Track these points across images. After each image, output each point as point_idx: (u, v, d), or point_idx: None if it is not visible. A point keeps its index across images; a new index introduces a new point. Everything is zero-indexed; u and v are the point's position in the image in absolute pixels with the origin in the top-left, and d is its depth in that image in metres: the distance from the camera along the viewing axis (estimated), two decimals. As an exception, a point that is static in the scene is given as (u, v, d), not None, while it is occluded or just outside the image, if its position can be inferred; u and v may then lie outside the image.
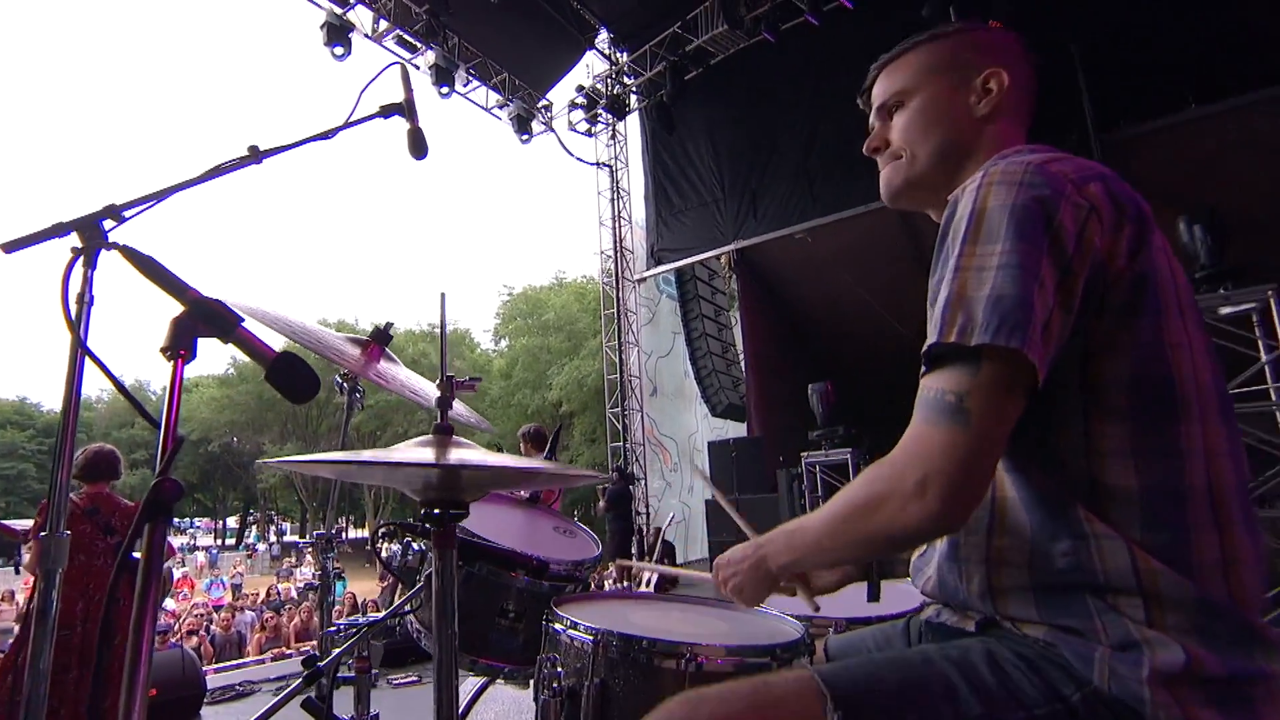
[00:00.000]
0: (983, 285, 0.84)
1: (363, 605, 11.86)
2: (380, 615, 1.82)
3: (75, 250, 0.99)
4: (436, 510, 1.02)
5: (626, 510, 9.63)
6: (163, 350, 0.81)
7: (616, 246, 12.95)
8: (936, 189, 1.09)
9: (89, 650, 3.31)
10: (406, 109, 1.58)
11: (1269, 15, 6.28)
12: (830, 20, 8.73)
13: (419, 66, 9.96)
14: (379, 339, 1.45)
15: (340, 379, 2.15)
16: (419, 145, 1.60)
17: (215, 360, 36.01)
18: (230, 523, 46.46)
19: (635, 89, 11.76)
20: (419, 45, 9.81)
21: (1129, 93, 6.90)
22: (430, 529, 1.03)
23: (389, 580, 13.45)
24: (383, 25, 9.66)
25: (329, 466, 1.06)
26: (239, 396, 32.50)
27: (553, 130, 12.47)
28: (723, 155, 10.47)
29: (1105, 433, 0.87)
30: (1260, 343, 5.26)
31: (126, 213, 1.20)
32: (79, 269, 1.10)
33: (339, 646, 1.85)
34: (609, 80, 12.03)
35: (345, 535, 34.49)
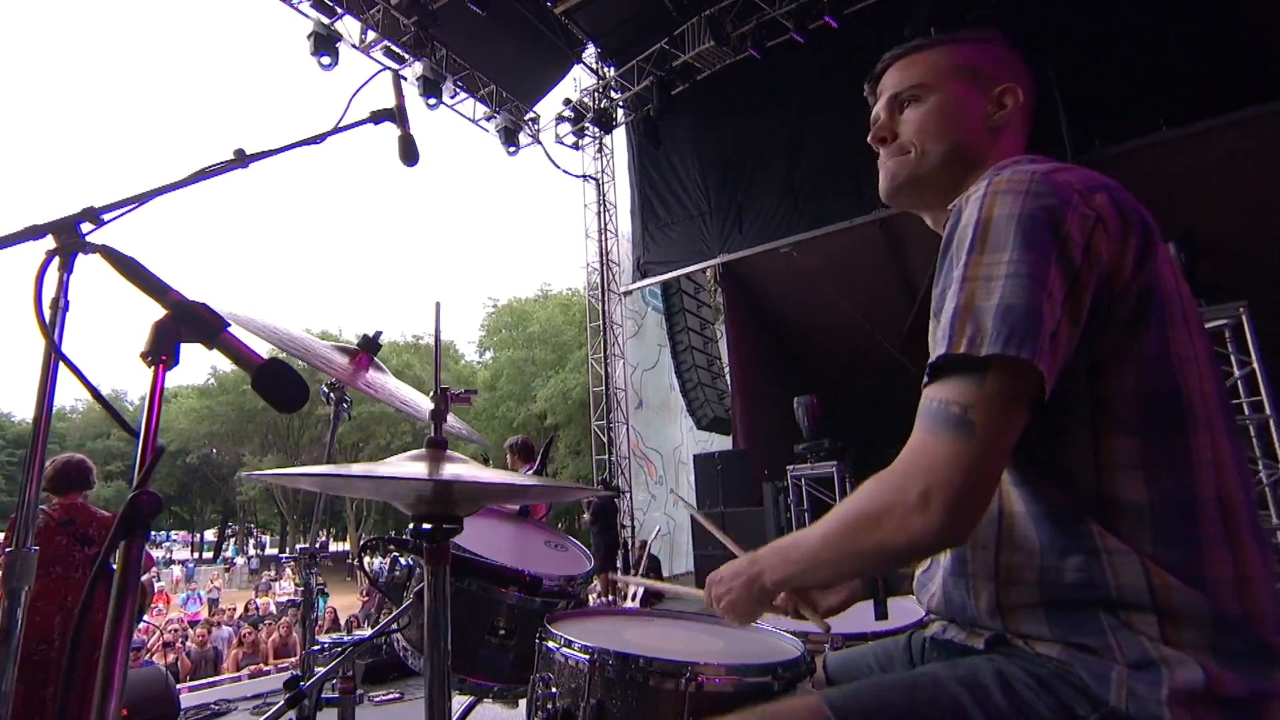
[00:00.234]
0: (991, 295, 0.83)
1: (348, 624, 11.64)
2: (367, 634, 1.77)
3: (50, 252, 0.94)
4: (429, 525, 0.99)
5: (612, 523, 9.55)
6: (143, 355, 0.77)
7: (603, 259, 12.94)
8: (939, 190, 1.08)
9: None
10: (398, 115, 1.55)
11: (1237, 41, 6.44)
12: (815, 38, 8.82)
13: (406, 78, 9.92)
14: (367, 348, 1.41)
15: (327, 389, 2.10)
16: (410, 152, 1.57)
17: (195, 371, 35.49)
18: (208, 535, 45.62)
19: (622, 103, 11.80)
20: (406, 57, 9.79)
21: (1103, 115, 7.03)
22: (423, 544, 0.99)
23: (370, 594, 13.26)
24: (370, 36, 9.63)
25: (317, 480, 1.02)
26: (219, 407, 32.02)
27: (540, 143, 12.47)
28: (709, 170, 10.53)
29: (1114, 445, 0.85)
30: (1233, 358, 5.35)
31: (105, 216, 1.15)
32: (54, 273, 1.06)
33: (322, 665, 1.79)
34: (596, 94, 12.06)
35: (327, 549, 34.07)
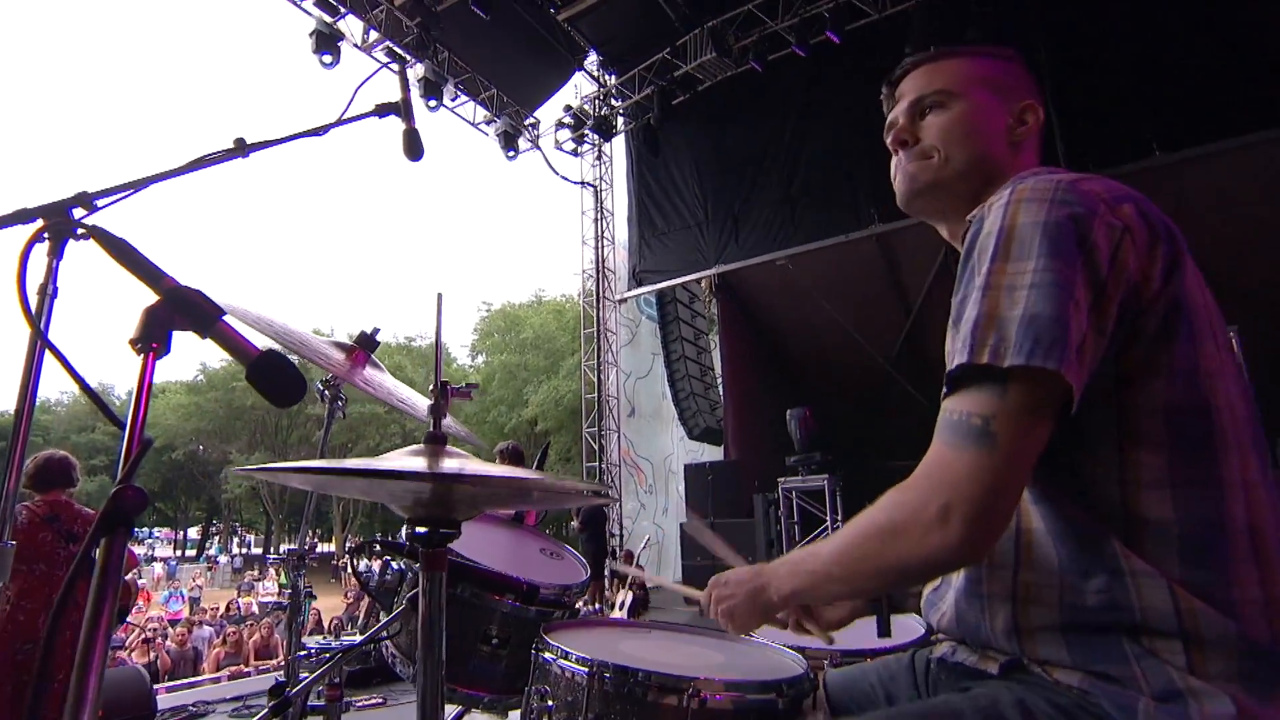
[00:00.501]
0: (1015, 304, 0.80)
1: (335, 629, 11.47)
2: (356, 640, 1.72)
3: (36, 231, 0.90)
4: (425, 529, 0.95)
5: (601, 531, 9.49)
6: (133, 342, 0.73)
7: (599, 266, 12.93)
8: (958, 199, 1.07)
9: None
10: (403, 109, 1.53)
11: (1233, 68, 6.50)
12: (817, 53, 8.86)
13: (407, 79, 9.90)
14: (365, 344, 1.38)
15: (322, 385, 2.05)
16: (414, 146, 1.55)
17: (183, 367, 35.16)
18: (191, 533, 45.11)
19: (622, 111, 11.83)
20: (408, 58, 9.77)
21: (1098, 139, 7.07)
22: (419, 549, 0.95)
23: (355, 597, 13.11)
24: (373, 36, 9.61)
25: (309, 477, 0.99)
26: (207, 404, 31.74)
27: (539, 148, 12.47)
28: (707, 180, 10.55)
29: (1141, 462, 0.82)
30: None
31: (99, 201, 1.12)
32: (44, 258, 1.02)
33: (307, 670, 1.74)
34: (596, 101, 12.08)
35: (315, 550, 33.73)
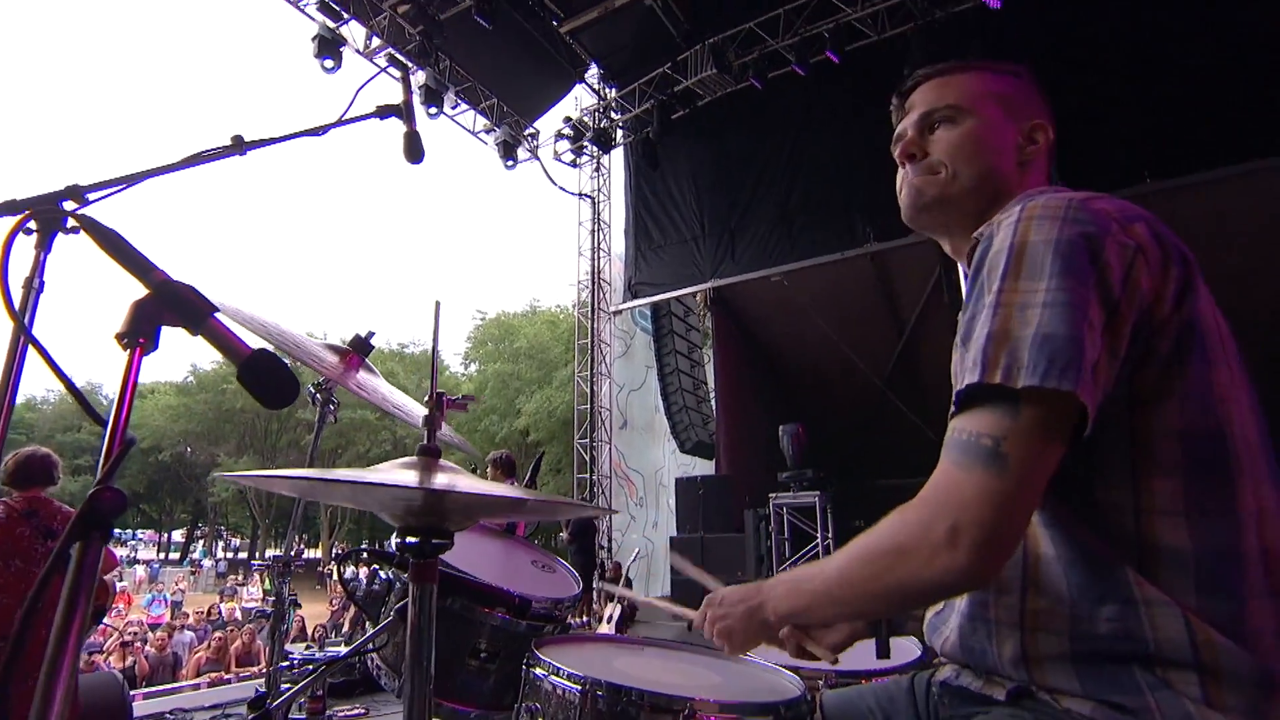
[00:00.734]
0: (1028, 324, 0.78)
1: (320, 639, 11.27)
2: (341, 652, 1.68)
3: (21, 219, 0.87)
4: (416, 539, 0.92)
5: (590, 543, 9.45)
6: (119, 337, 0.70)
7: (594, 277, 12.92)
8: (964, 215, 1.05)
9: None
10: (404, 111, 1.51)
11: (1219, 99, 6.58)
12: (816, 72, 8.92)
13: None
14: (359, 348, 1.35)
15: (314, 388, 2.01)
16: (415, 149, 1.53)
17: (174, 367, 34.92)
18: (176, 536, 44.58)
19: (622, 124, 11.86)
20: (410, 65, 9.78)
21: (1088, 165, 7.13)
22: (409, 559, 0.92)
23: (341, 605, 12.93)
24: (375, 42, 9.63)
25: (296, 484, 0.96)
26: (196, 406, 31.48)
27: (538, 158, 12.48)
28: (704, 195, 10.58)
29: (1155, 488, 0.80)
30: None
31: (91, 195, 1.09)
32: (31, 251, 0.99)
33: (289, 681, 1.69)
34: (596, 114, 12.12)
35: (301, 556, 33.35)
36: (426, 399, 1.04)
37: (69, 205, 1.04)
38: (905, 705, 1.11)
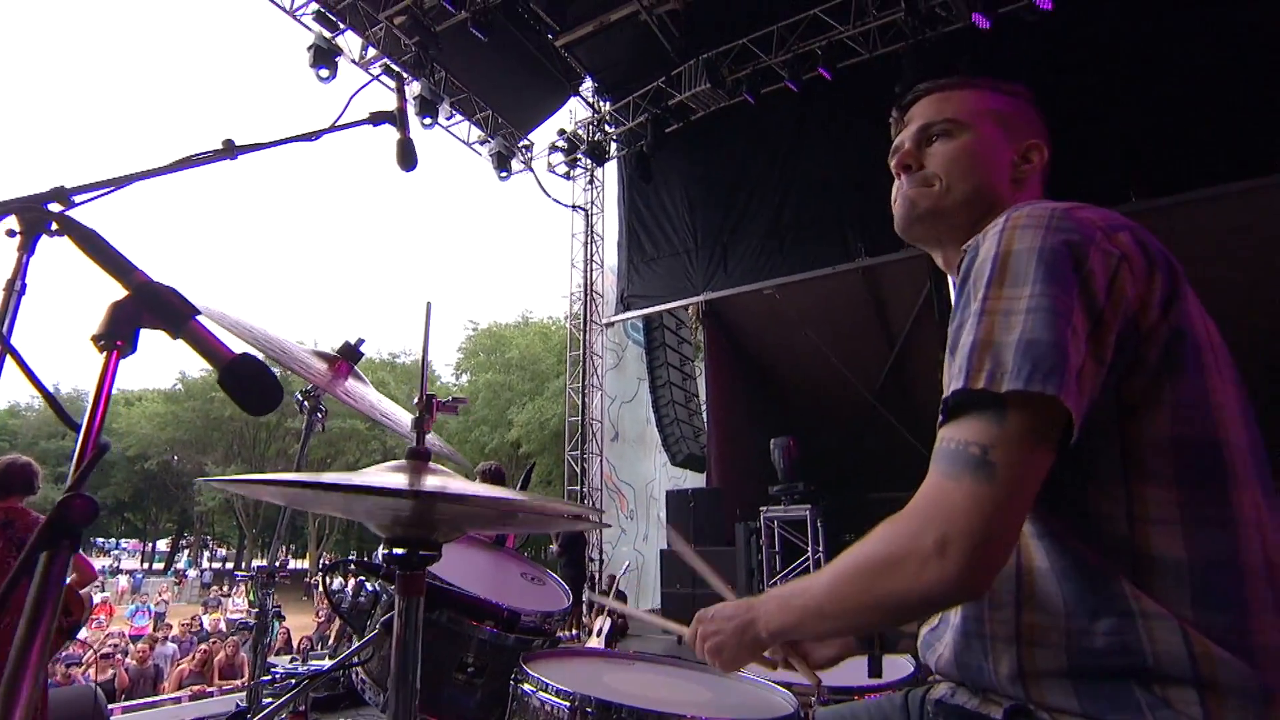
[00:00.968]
0: (1011, 330, 0.78)
1: (304, 651, 11.11)
2: (324, 664, 1.64)
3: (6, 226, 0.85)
4: (403, 550, 0.90)
5: (580, 556, 9.38)
6: (95, 339, 0.67)
7: (587, 289, 12.93)
8: (956, 229, 1.06)
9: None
10: (398, 119, 1.50)
11: (1205, 117, 6.67)
12: (809, 88, 9.00)
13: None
14: (348, 355, 1.33)
15: (301, 396, 1.99)
16: (408, 156, 1.53)
17: (162, 375, 34.63)
18: (160, 546, 43.96)
19: (616, 137, 11.91)
20: (405, 75, 9.80)
21: (1074, 184, 7.19)
22: (396, 571, 0.89)
23: (327, 617, 12.77)
24: (371, 53, 9.64)
25: (283, 491, 0.93)
26: (184, 414, 31.13)
27: (531, 170, 12.51)
28: (697, 208, 10.63)
29: (1149, 497, 0.80)
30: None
31: (77, 198, 1.08)
32: (14, 252, 0.98)
33: (271, 694, 1.65)
34: (591, 127, 12.17)
35: (286, 567, 32.98)
36: (415, 402, 1.03)
37: (54, 208, 1.03)
38: (899, 723, 1.09)
